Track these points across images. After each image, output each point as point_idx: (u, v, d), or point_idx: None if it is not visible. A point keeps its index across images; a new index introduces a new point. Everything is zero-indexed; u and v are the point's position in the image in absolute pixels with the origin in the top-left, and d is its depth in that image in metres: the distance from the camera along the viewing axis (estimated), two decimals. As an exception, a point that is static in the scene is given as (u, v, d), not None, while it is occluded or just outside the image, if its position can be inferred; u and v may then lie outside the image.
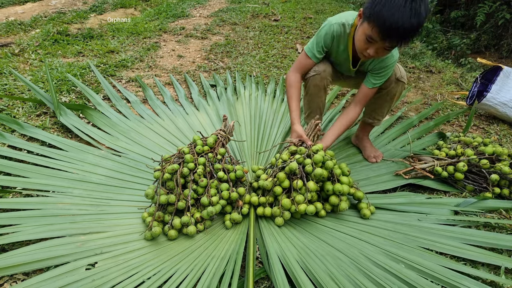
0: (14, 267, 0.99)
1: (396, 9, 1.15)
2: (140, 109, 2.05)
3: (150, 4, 5.21)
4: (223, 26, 4.22)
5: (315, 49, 1.53)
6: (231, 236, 1.26)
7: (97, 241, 1.14)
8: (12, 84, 2.12)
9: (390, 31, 1.19)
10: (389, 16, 1.16)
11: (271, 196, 1.35)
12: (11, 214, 1.15)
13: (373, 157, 1.76)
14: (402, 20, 1.15)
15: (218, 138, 1.48)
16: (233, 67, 2.96)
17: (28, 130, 1.64)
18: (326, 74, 1.57)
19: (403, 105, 2.46)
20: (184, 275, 1.06)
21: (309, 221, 1.34)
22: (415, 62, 3.35)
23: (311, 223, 1.33)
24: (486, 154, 1.53)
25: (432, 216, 1.34)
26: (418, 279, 1.05)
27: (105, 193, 1.37)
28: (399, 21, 1.15)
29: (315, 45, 1.53)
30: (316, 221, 1.34)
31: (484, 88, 2.29)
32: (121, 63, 2.78)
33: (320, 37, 1.50)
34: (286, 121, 2.06)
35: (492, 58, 3.80)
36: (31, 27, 3.54)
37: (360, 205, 1.38)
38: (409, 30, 1.18)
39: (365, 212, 1.35)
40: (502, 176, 1.48)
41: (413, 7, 1.14)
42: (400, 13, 1.14)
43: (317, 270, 1.08)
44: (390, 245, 1.20)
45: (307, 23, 4.44)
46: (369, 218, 1.35)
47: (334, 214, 1.38)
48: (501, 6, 3.46)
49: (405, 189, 1.58)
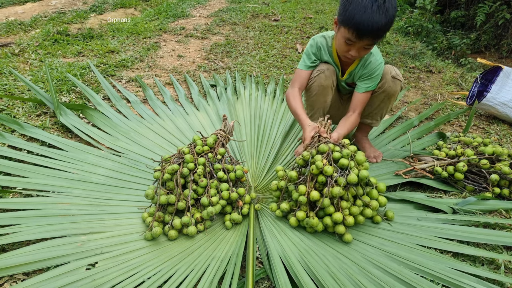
0: (14, 267, 0.99)
1: (364, 10, 1.28)
2: (140, 109, 2.05)
3: (150, 4, 5.21)
4: (223, 26, 4.22)
5: (306, 61, 1.62)
6: (231, 236, 1.26)
7: (97, 241, 1.14)
8: (12, 84, 2.12)
9: (363, 30, 1.31)
10: (360, 17, 1.29)
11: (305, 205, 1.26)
12: (11, 214, 1.15)
13: (373, 157, 1.76)
14: (372, 18, 1.28)
15: (218, 138, 1.48)
16: (233, 67, 2.96)
17: (28, 130, 1.64)
18: (330, 72, 1.59)
19: (403, 105, 2.46)
20: (184, 275, 1.06)
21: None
22: (415, 62, 3.35)
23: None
24: (486, 154, 1.53)
25: (431, 216, 1.34)
26: (418, 280, 1.05)
27: (105, 193, 1.37)
28: (369, 20, 1.28)
29: (306, 59, 1.63)
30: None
31: (484, 88, 2.29)
32: (121, 63, 2.78)
33: (307, 50, 1.62)
34: (286, 121, 2.06)
35: (492, 58, 3.80)
36: (31, 27, 3.54)
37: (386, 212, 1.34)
38: (380, 27, 1.30)
39: (389, 214, 1.32)
40: (502, 176, 1.48)
41: (379, 5, 1.27)
42: (368, 13, 1.28)
43: (318, 270, 1.08)
44: (391, 245, 1.20)
45: (307, 23, 4.44)
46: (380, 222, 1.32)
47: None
48: (501, 6, 3.46)
49: (405, 189, 1.59)
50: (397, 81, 1.59)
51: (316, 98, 1.64)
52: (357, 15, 1.29)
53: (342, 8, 1.35)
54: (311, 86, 1.62)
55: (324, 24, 4.29)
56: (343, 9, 1.34)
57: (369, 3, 1.27)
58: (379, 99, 1.65)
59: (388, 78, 1.58)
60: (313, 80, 1.61)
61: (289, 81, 2.67)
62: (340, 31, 1.40)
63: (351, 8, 1.30)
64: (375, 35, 1.33)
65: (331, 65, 1.61)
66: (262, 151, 1.80)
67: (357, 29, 1.31)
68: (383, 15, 1.28)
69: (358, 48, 1.40)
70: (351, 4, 1.30)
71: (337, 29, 1.43)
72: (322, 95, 1.63)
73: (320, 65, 1.61)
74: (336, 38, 1.48)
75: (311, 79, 1.62)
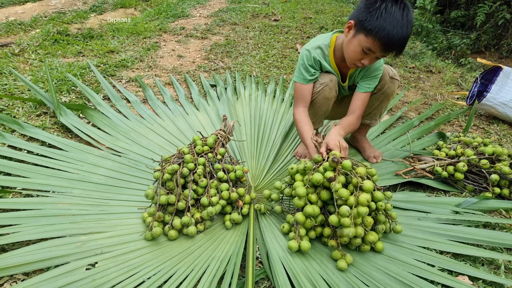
0: (14, 267, 0.99)
1: (396, 22, 1.20)
2: (140, 109, 2.05)
3: (150, 4, 5.21)
4: (223, 26, 4.22)
5: (306, 75, 1.51)
6: (231, 236, 1.26)
7: (97, 241, 1.14)
8: (12, 84, 2.12)
9: (392, 44, 1.23)
10: (391, 30, 1.20)
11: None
12: (11, 214, 1.15)
13: (373, 157, 1.76)
14: (402, 32, 1.21)
15: (218, 138, 1.48)
16: (233, 67, 2.96)
17: (28, 130, 1.64)
18: (334, 83, 1.53)
19: (403, 105, 2.46)
20: (184, 275, 1.06)
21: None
22: (415, 62, 3.35)
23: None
24: (486, 154, 1.53)
25: (432, 216, 1.34)
26: (418, 281, 1.05)
27: (105, 193, 1.37)
28: (399, 33, 1.21)
29: (304, 72, 1.51)
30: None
31: (484, 88, 2.29)
32: (121, 63, 2.78)
33: (303, 63, 1.50)
34: (286, 121, 2.06)
35: (492, 58, 3.80)
36: (31, 27, 3.54)
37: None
38: (406, 40, 1.25)
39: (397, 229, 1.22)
40: (502, 176, 1.48)
41: (408, 18, 1.21)
42: (400, 25, 1.20)
43: (314, 274, 1.08)
44: (390, 247, 1.20)
45: (307, 23, 4.44)
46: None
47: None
48: (501, 6, 3.46)
49: (405, 189, 1.59)
50: (395, 81, 1.60)
51: (319, 108, 1.60)
52: (388, 28, 1.19)
53: (368, 15, 1.23)
54: (316, 99, 1.55)
55: (324, 24, 4.29)
56: (370, 17, 1.22)
57: (400, 16, 1.19)
58: (378, 99, 1.64)
59: (386, 79, 1.58)
60: (317, 94, 1.53)
61: (289, 81, 2.67)
62: (359, 38, 1.28)
63: (382, 19, 1.20)
64: (401, 49, 1.27)
65: (333, 75, 1.54)
66: (262, 151, 1.80)
67: (385, 42, 1.22)
68: (409, 28, 1.22)
69: (373, 58, 1.32)
70: (381, 15, 1.20)
71: (353, 36, 1.31)
72: (326, 105, 1.59)
73: (322, 76, 1.53)
74: (349, 42, 1.34)
75: (315, 92, 1.53)
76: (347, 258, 1.10)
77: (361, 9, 1.27)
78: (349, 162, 1.15)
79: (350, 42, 1.33)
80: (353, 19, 1.30)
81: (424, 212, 1.37)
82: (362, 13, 1.26)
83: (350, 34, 1.33)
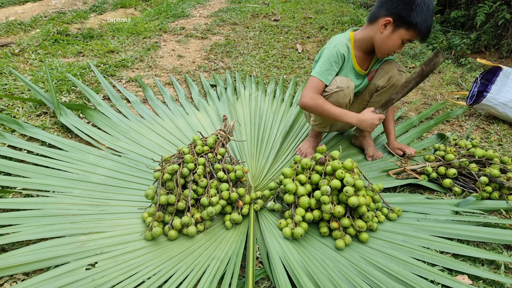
0: (14, 267, 0.99)
1: (431, 13, 1.36)
2: (140, 109, 2.05)
3: (150, 4, 5.21)
4: (223, 26, 4.22)
5: (328, 73, 1.51)
6: (231, 236, 1.26)
7: (97, 241, 1.14)
8: (12, 84, 2.12)
9: (429, 32, 1.40)
10: (430, 21, 1.37)
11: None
12: (11, 214, 1.15)
13: (369, 156, 1.79)
14: (432, 22, 1.39)
15: (218, 138, 1.48)
16: (233, 67, 2.96)
17: (28, 130, 1.64)
18: (350, 91, 1.52)
19: (403, 105, 2.46)
20: (184, 275, 1.06)
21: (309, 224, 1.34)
22: (415, 62, 3.35)
23: (310, 226, 1.33)
24: (476, 156, 1.56)
25: (431, 217, 1.34)
26: (418, 281, 1.05)
27: (105, 193, 1.37)
28: (431, 23, 1.39)
29: (330, 70, 1.50)
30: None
31: (484, 88, 2.29)
32: (121, 63, 2.78)
33: (328, 60, 1.50)
34: (286, 121, 2.06)
35: (492, 58, 3.80)
36: (31, 27, 3.54)
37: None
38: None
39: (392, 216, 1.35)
40: (491, 179, 1.49)
41: (433, 6, 1.37)
42: (431, 15, 1.37)
43: (317, 273, 1.08)
44: (390, 247, 1.20)
45: (307, 23, 4.44)
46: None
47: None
48: (501, 6, 3.46)
49: (404, 189, 1.59)
50: (403, 73, 1.62)
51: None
52: (429, 20, 1.35)
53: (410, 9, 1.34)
54: (327, 99, 1.53)
55: (324, 24, 4.28)
56: (414, 11, 1.34)
57: (432, 7, 1.35)
58: (388, 93, 1.65)
59: (394, 72, 1.60)
60: (329, 95, 1.51)
61: (289, 81, 2.67)
62: (399, 33, 1.41)
63: (423, 14, 1.33)
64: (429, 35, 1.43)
65: (351, 81, 1.53)
66: (262, 151, 1.80)
67: (426, 33, 1.38)
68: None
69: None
70: (422, 9, 1.33)
71: (392, 31, 1.42)
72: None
73: (339, 79, 1.51)
74: (388, 37, 1.43)
75: (327, 92, 1.51)
76: (346, 239, 1.20)
77: (398, 5, 1.37)
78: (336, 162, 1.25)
79: (390, 37, 1.44)
80: (390, 16, 1.40)
81: (423, 213, 1.37)
82: (402, 10, 1.37)
83: (388, 29, 1.43)
